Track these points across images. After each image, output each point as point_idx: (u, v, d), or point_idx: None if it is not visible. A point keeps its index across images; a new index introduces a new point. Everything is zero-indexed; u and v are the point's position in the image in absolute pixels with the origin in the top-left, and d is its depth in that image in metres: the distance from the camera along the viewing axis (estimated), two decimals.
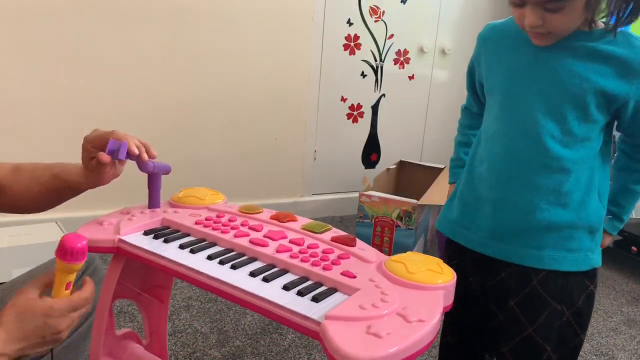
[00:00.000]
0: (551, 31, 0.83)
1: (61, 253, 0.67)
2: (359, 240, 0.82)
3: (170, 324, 1.53)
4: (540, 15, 0.80)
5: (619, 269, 2.16)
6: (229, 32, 2.13)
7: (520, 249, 0.90)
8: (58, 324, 0.69)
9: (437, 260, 0.74)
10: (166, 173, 0.94)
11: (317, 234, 0.83)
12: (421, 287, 0.68)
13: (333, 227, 0.86)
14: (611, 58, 0.83)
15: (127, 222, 0.85)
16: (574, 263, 0.90)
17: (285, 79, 2.29)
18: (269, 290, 0.67)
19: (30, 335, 0.67)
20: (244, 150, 2.28)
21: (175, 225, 0.86)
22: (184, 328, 1.52)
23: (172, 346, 1.43)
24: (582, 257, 0.90)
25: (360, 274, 0.71)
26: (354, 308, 0.62)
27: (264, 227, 0.85)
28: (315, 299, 0.65)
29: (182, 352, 1.41)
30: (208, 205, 0.94)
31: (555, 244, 0.89)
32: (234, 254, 0.77)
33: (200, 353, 1.41)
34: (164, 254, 0.76)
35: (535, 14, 0.81)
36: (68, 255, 0.67)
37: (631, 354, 1.58)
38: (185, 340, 1.46)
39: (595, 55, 0.84)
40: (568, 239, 0.89)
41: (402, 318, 0.61)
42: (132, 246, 0.79)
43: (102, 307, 0.87)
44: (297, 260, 0.74)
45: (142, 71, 2.01)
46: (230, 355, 1.41)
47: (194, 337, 1.48)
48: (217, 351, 1.42)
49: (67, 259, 0.67)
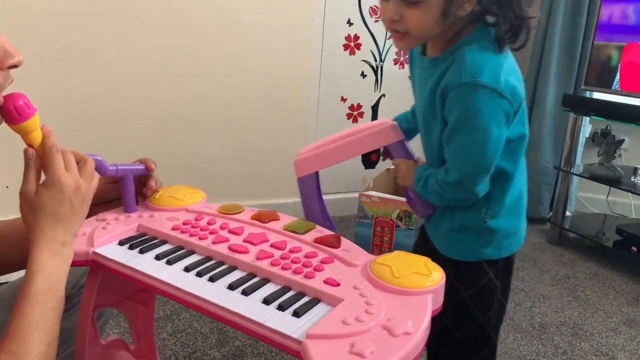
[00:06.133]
0: (408, 30, 0.84)
1: (10, 118, 0.68)
2: (343, 239, 0.78)
3: (170, 324, 1.52)
4: (398, 10, 0.83)
5: (619, 269, 2.14)
6: (228, 32, 2.10)
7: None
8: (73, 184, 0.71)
9: (424, 260, 0.71)
10: (139, 174, 0.89)
11: (300, 234, 0.79)
12: (408, 293, 0.65)
13: (317, 226, 0.83)
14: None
15: (101, 232, 0.81)
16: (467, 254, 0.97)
17: (285, 79, 2.26)
18: (248, 305, 0.64)
19: (64, 212, 0.69)
20: (244, 150, 2.26)
21: (152, 232, 0.82)
22: (183, 328, 1.50)
23: (172, 346, 1.42)
24: (470, 250, 0.97)
25: (344, 280, 0.67)
26: (336, 324, 0.58)
27: (245, 229, 0.81)
28: (296, 313, 0.62)
29: (182, 352, 1.40)
30: (186, 207, 0.89)
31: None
32: (212, 263, 0.74)
33: (200, 353, 1.40)
34: (140, 267, 0.73)
35: (394, 6, 0.83)
36: (15, 115, 0.68)
37: (631, 354, 1.57)
38: (185, 340, 1.45)
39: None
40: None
41: (388, 332, 0.58)
42: (107, 259, 0.76)
43: (83, 319, 0.84)
44: (278, 268, 0.70)
45: (141, 71, 1.97)
46: (230, 355, 1.40)
47: (194, 337, 1.47)
48: (217, 351, 1.41)
49: (17, 119, 0.68)
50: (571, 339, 1.62)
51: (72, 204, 0.70)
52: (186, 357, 1.38)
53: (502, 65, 0.84)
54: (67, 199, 0.70)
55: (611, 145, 2.22)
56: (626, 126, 2.26)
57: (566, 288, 1.96)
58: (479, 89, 0.81)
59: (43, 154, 0.71)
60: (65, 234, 0.70)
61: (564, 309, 1.80)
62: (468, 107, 0.83)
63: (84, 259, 0.77)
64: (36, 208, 0.68)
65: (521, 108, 0.88)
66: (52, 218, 0.69)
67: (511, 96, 0.83)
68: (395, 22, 0.84)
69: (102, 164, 0.81)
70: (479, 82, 0.81)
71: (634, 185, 2.10)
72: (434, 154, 0.95)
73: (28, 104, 0.69)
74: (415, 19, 0.82)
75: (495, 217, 0.94)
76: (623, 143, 2.25)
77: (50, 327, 0.64)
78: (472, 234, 0.95)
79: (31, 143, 0.71)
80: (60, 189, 0.69)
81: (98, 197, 0.84)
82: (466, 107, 0.83)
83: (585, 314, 1.78)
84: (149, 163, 0.89)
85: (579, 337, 1.63)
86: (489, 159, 0.86)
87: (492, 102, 0.82)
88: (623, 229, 2.19)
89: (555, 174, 2.50)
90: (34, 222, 0.69)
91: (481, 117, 0.82)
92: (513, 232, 0.98)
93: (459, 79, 0.83)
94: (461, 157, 0.87)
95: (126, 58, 1.93)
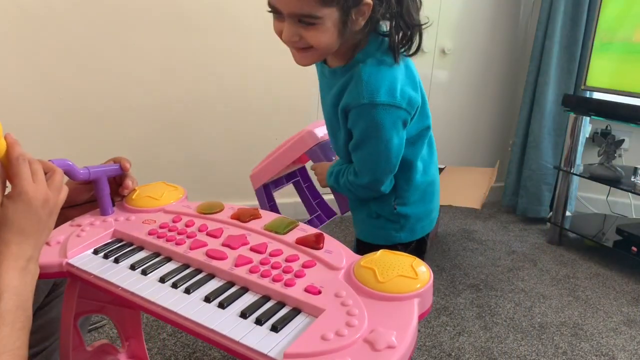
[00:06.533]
0: (311, 45, 0.85)
1: None
2: (327, 237, 0.75)
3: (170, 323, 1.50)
4: (295, 31, 0.84)
5: (619, 269, 2.11)
6: (229, 33, 2.06)
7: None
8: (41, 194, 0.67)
9: (411, 260, 0.67)
10: (113, 174, 0.85)
11: (281, 234, 0.76)
12: (392, 299, 0.62)
13: (300, 223, 0.79)
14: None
15: (75, 240, 0.77)
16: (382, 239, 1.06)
17: (285, 79, 2.20)
18: (225, 319, 0.61)
19: (30, 227, 0.66)
20: (245, 150, 2.22)
21: (128, 238, 0.79)
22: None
23: (172, 346, 1.41)
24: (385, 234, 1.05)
25: (326, 287, 0.64)
26: (315, 340, 0.55)
27: (224, 231, 0.78)
28: (274, 327, 0.59)
29: (182, 352, 1.39)
30: (164, 207, 0.86)
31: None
32: (189, 272, 0.70)
33: (200, 353, 1.39)
34: (114, 279, 0.69)
35: (291, 28, 0.83)
36: None
37: (631, 354, 1.55)
38: (185, 341, 1.44)
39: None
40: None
41: (370, 346, 0.55)
42: (81, 271, 0.72)
43: (65, 327, 0.82)
44: (257, 275, 0.67)
45: (143, 72, 1.95)
46: (230, 355, 1.38)
47: (194, 337, 1.45)
48: (217, 351, 1.40)
49: None
50: (571, 339, 1.60)
51: (39, 217, 0.66)
52: (186, 357, 1.37)
53: (397, 77, 0.89)
54: (34, 213, 0.66)
55: (611, 145, 2.19)
56: (626, 126, 2.24)
57: (566, 288, 1.93)
58: (377, 107, 0.87)
59: (8, 164, 0.67)
60: (32, 249, 0.66)
61: (564, 309, 1.78)
62: (369, 123, 0.89)
63: (57, 270, 0.74)
64: (0, 223, 0.65)
65: (419, 109, 0.95)
66: (18, 233, 0.65)
67: (408, 105, 0.90)
68: (295, 41, 0.86)
69: (72, 168, 0.77)
70: (376, 102, 0.87)
71: (634, 185, 2.07)
72: (341, 152, 1.03)
73: None
74: (315, 38, 0.84)
75: (405, 205, 1.03)
76: (623, 143, 2.22)
77: (19, 349, 0.61)
78: (387, 220, 1.04)
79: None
80: (27, 202, 0.65)
81: (70, 200, 0.80)
82: (367, 124, 0.89)
83: (585, 314, 1.76)
84: (123, 162, 0.86)
85: (579, 337, 1.61)
86: (392, 164, 0.95)
87: (390, 116, 0.88)
88: (623, 229, 2.16)
89: (555, 174, 2.48)
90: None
91: (382, 131, 0.89)
92: (425, 215, 1.07)
93: (357, 99, 0.88)
94: (369, 165, 0.95)
95: (128, 60, 1.92)
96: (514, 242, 2.34)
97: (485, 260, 2.11)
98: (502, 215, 2.66)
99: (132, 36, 1.90)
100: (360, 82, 0.87)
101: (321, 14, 0.81)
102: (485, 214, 2.66)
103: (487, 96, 2.75)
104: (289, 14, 0.83)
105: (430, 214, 1.09)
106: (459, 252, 2.18)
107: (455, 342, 1.53)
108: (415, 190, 1.03)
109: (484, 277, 1.96)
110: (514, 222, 2.57)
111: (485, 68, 2.68)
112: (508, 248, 2.26)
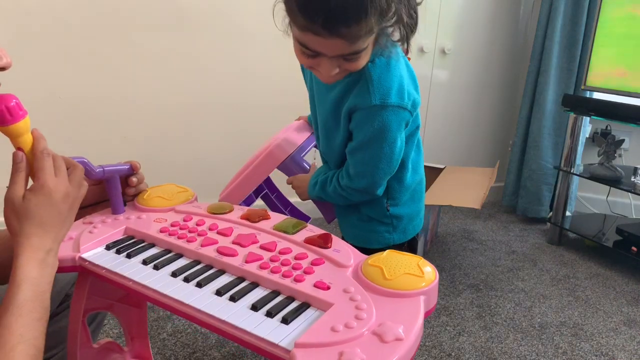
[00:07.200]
0: (348, 70, 0.85)
1: (1, 120, 0.65)
2: (335, 238, 0.77)
3: (170, 324, 1.52)
4: (336, 64, 0.82)
5: (619, 269, 2.13)
6: (229, 33, 2.07)
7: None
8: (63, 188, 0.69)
9: (417, 260, 0.69)
10: (125, 174, 0.87)
11: (290, 234, 0.78)
12: (399, 295, 0.64)
13: (308, 224, 0.81)
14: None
15: (87, 236, 0.79)
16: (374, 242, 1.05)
17: (286, 79, 2.20)
18: (236, 312, 0.62)
19: (51, 220, 0.67)
20: (245, 151, 2.20)
21: (139, 235, 0.81)
22: (183, 328, 1.50)
23: (172, 346, 1.42)
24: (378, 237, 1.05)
25: (335, 283, 0.66)
26: (325, 331, 0.57)
27: (234, 230, 0.80)
28: (285, 320, 0.61)
29: (182, 352, 1.40)
30: (175, 207, 0.88)
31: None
32: (200, 267, 0.72)
33: (200, 353, 1.40)
34: (126, 273, 0.71)
35: (332, 64, 0.81)
36: (7, 116, 0.65)
37: (631, 354, 1.56)
38: (185, 340, 1.45)
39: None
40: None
41: (378, 338, 0.57)
42: (94, 265, 0.74)
43: (74, 324, 0.83)
44: (267, 271, 0.69)
45: (144, 73, 1.96)
46: (230, 355, 1.40)
47: (194, 337, 1.47)
48: (217, 351, 1.41)
49: (8, 121, 0.66)
50: (571, 339, 1.61)
51: (60, 211, 0.68)
52: (186, 357, 1.38)
53: (403, 77, 0.90)
54: (55, 206, 0.67)
55: (611, 145, 2.20)
56: (626, 126, 2.24)
57: (566, 288, 1.95)
58: (386, 109, 0.87)
59: (33, 158, 0.69)
60: (52, 242, 0.68)
61: (564, 309, 1.79)
62: (377, 125, 0.89)
63: (70, 264, 0.76)
64: (22, 215, 0.66)
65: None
66: (39, 225, 0.67)
67: (412, 107, 0.91)
68: (334, 75, 0.84)
69: (88, 166, 0.79)
70: (387, 103, 0.87)
71: (634, 185, 2.08)
72: (334, 157, 1.02)
73: (19, 105, 0.67)
74: (355, 66, 0.84)
75: (397, 205, 1.02)
76: (623, 143, 2.23)
77: (36, 339, 0.63)
78: (379, 222, 1.03)
79: (21, 146, 0.69)
80: (49, 195, 0.67)
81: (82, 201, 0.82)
82: (376, 125, 0.89)
83: (585, 314, 1.77)
84: (133, 162, 0.88)
85: (579, 337, 1.62)
86: (392, 167, 0.95)
87: (397, 117, 0.89)
88: (623, 229, 2.17)
89: (555, 174, 2.49)
90: (19, 229, 0.67)
91: (389, 133, 0.90)
92: (416, 214, 1.07)
93: (368, 100, 0.87)
94: (369, 167, 0.94)
95: (129, 61, 1.92)
96: (514, 242, 2.36)
97: (485, 260, 2.13)
98: (502, 215, 2.68)
99: (134, 38, 1.90)
100: (370, 83, 0.87)
101: (365, 44, 0.80)
102: (485, 214, 2.68)
103: (487, 96, 2.77)
104: (334, 56, 0.81)
105: (420, 213, 1.09)
106: (459, 252, 2.19)
107: (455, 342, 1.55)
108: (406, 190, 1.03)
109: (484, 277, 1.98)
110: (514, 222, 2.59)
111: (485, 68, 2.70)
112: (508, 248, 2.28)
